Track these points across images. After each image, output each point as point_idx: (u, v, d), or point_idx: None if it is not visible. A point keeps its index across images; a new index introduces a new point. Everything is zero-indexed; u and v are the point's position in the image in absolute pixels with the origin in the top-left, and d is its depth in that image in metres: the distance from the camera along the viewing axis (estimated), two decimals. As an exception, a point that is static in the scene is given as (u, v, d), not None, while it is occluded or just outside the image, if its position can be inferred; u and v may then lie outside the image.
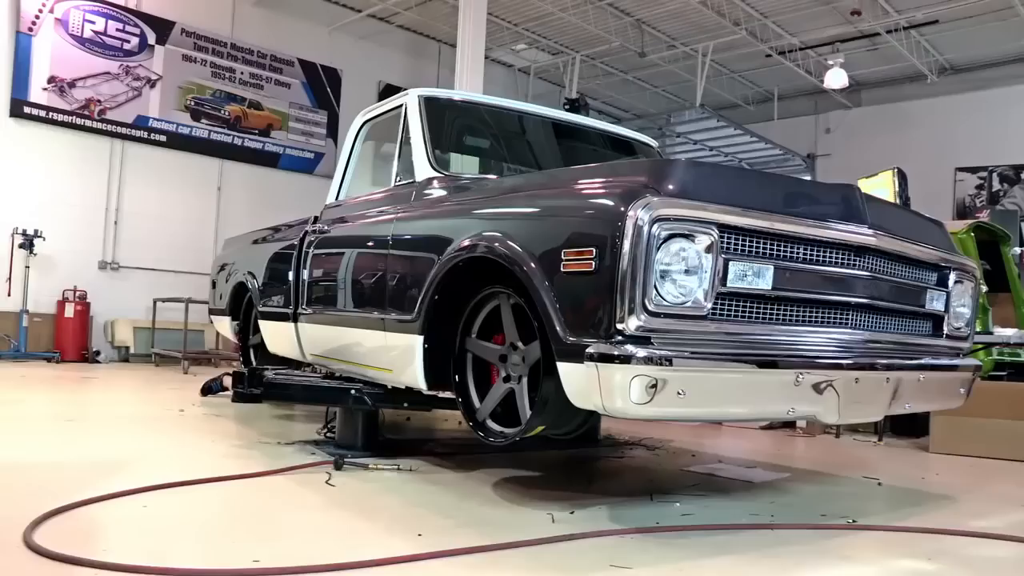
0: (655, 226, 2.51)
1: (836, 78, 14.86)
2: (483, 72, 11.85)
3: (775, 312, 2.82)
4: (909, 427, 6.27)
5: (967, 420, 5.36)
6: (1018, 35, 13.74)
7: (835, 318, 2.99)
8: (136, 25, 12.21)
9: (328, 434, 4.86)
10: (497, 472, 4.08)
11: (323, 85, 14.32)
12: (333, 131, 14.29)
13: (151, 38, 12.36)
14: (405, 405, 4.32)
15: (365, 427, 4.47)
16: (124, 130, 12.08)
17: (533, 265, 2.86)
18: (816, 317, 2.94)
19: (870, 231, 3.02)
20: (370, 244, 4.30)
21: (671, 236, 2.55)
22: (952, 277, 3.55)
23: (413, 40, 15.52)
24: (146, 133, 12.30)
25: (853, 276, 2.99)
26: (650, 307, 2.52)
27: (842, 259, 2.98)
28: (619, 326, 2.53)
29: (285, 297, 5.24)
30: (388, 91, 13.87)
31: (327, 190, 5.15)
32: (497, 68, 16.27)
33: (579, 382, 2.64)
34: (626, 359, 2.48)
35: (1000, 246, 7.59)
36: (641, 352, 2.48)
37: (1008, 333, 5.78)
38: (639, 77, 17.16)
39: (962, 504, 3.86)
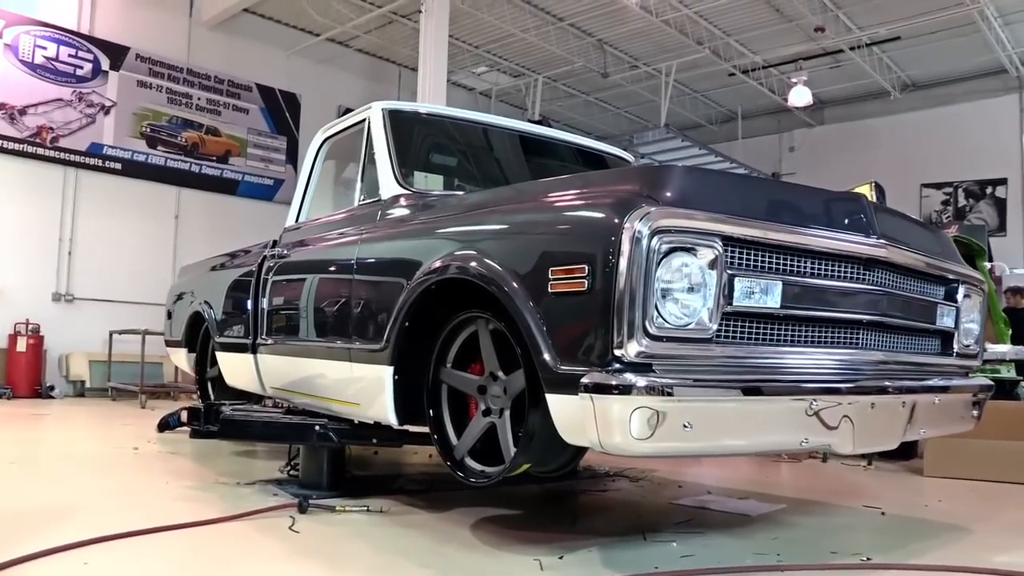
0: (655, 239, 2.25)
1: (800, 96, 14.85)
2: (445, 95, 11.61)
3: (783, 333, 2.57)
4: (898, 450, 6.03)
5: (961, 442, 5.13)
6: (979, 51, 13.80)
7: (846, 338, 2.74)
8: (89, 51, 11.83)
9: (291, 472, 4.53)
10: (474, 511, 3.77)
11: (282, 110, 14.00)
12: (293, 157, 13.95)
13: (105, 64, 11.98)
14: (374, 441, 4.00)
15: (331, 464, 4.15)
16: (77, 158, 11.67)
17: (515, 285, 2.58)
18: (826, 337, 2.69)
19: (881, 242, 2.79)
20: (333, 268, 4.00)
21: (672, 250, 2.28)
22: (961, 291, 3.32)
23: (372, 64, 15.28)
24: (100, 161, 11.89)
25: (865, 291, 2.75)
26: (651, 330, 2.25)
27: (852, 273, 2.74)
28: (617, 352, 2.25)
29: (243, 327, 4.92)
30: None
31: (288, 217, 4.86)
32: (458, 91, 16.05)
33: (571, 416, 2.36)
34: (626, 389, 2.20)
35: (975, 260, 7.45)
36: (642, 381, 2.21)
37: (1003, 349, 5.60)
38: (601, 98, 17.05)
39: (977, 536, 3.61)
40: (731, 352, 2.43)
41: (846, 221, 2.76)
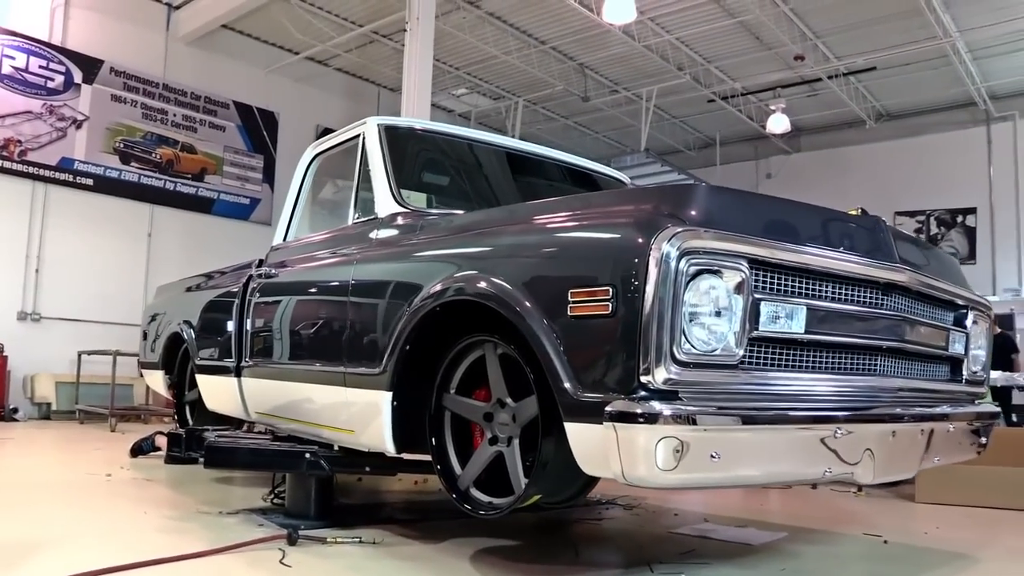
0: (682, 261, 2.16)
1: (778, 123, 14.96)
2: (429, 115, 11.53)
3: (805, 359, 2.48)
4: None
5: (952, 468, 5.06)
6: (950, 84, 14.03)
7: (866, 365, 2.67)
8: (61, 63, 11.63)
9: (276, 500, 4.37)
10: (470, 542, 3.63)
11: (259, 128, 13.85)
12: (270, 176, 13.80)
13: (77, 76, 11.78)
14: (367, 469, 3.85)
15: (319, 493, 3.99)
16: (47, 172, 11.43)
17: (530, 306, 2.47)
18: (847, 364, 2.61)
19: (900, 267, 2.72)
20: (326, 289, 3.87)
21: (699, 272, 2.20)
22: (970, 317, 3.27)
23: (351, 83, 15.18)
24: (71, 176, 11.66)
25: (886, 317, 2.68)
26: (679, 356, 2.16)
27: (873, 298, 2.67)
28: (643, 379, 2.15)
29: (227, 349, 4.76)
30: (326, 135, 13.46)
31: (264, 237, 4.72)
32: (438, 113, 15.95)
33: (593, 445, 2.25)
34: (652, 418, 2.10)
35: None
36: (669, 410, 2.11)
37: (993, 376, 5.57)
38: (581, 122, 17.07)
39: (983, 564, 3.55)
40: (756, 379, 2.35)
41: (868, 245, 2.69)
